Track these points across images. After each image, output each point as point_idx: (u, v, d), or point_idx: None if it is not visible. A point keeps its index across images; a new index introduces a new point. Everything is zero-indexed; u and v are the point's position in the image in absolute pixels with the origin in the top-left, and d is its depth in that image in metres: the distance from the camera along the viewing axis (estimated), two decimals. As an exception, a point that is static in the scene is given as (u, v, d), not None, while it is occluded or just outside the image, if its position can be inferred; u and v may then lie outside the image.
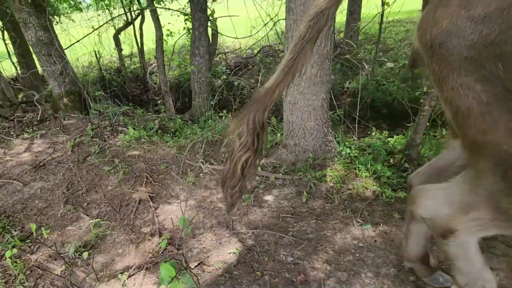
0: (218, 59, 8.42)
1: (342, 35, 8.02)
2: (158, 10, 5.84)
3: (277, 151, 3.42)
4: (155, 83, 8.28)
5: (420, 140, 3.04)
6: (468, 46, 0.91)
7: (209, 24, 6.76)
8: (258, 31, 6.28)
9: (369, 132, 4.22)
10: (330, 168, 2.88)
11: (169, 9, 5.65)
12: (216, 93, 5.60)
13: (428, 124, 3.08)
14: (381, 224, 2.12)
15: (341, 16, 8.04)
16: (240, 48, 8.15)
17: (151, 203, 2.60)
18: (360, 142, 3.63)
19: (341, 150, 3.16)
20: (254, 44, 8.31)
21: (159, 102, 7.00)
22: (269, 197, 2.67)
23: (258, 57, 7.72)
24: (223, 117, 4.56)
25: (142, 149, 3.71)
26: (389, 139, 3.85)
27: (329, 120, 3.10)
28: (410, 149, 3.09)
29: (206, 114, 4.55)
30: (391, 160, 3.10)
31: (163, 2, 5.71)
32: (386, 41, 7.94)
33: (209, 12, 5.43)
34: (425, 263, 1.66)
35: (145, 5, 6.63)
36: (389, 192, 2.44)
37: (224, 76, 5.04)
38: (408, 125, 3.91)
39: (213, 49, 7.99)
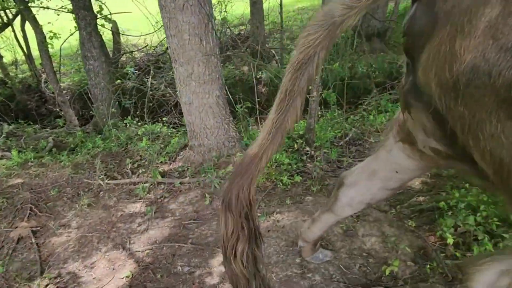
0: (125, 59, 7.78)
1: (244, 27, 8.12)
2: (35, 9, 5.05)
3: (185, 153, 3.32)
4: (52, 93, 7.28)
5: (315, 123, 3.27)
6: (506, 85, 0.71)
7: (106, 22, 6.15)
8: (161, 27, 5.93)
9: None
10: (233, 164, 2.90)
11: (47, 7, 4.92)
12: (125, 97, 5.16)
13: (319, 108, 3.33)
14: (275, 213, 2.21)
15: (242, 6, 8.12)
16: (148, 45, 7.64)
17: (33, 239, 2.27)
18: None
19: (246, 144, 3.21)
20: (163, 39, 7.88)
21: (62, 114, 6.18)
22: (173, 205, 2.58)
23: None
24: (128, 124, 4.23)
25: (28, 175, 3.22)
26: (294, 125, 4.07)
27: (229, 116, 3.10)
28: (308, 133, 3.30)
29: (108, 123, 4.16)
30: (295, 146, 3.27)
31: (38, 0, 4.93)
32: (292, 29, 8.33)
33: (96, 9, 4.91)
34: (314, 245, 1.78)
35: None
36: (285, 179, 2.57)
37: (119, 81, 4.65)
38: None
39: (117, 48, 7.35)
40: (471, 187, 2.16)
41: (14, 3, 6.47)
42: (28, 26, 6.74)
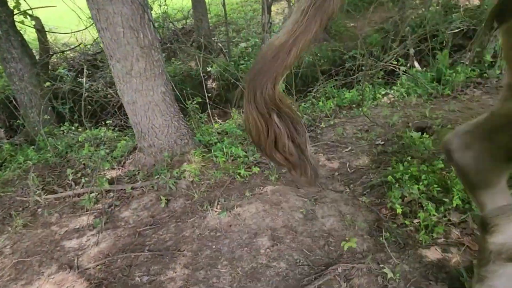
0: (56, 59, 7.01)
1: (188, 20, 7.85)
2: None
3: (134, 157, 3.10)
4: (-32, 103, 6.26)
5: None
6: None
7: (26, 19, 5.44)
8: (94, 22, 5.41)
9: (231, 114, 4.33)
10: (188, 162, 2.78)
11: None
12: (59, 101, 4.63)
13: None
14: (235, 207, 2.17)
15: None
16: (81, 43, 6.96)
17: (-46, 274, 1.93)
18: (221, 127, 3.67)
19: (199, 140, 3.10)
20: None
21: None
22: (126, 213, 2.39)
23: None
24: (65, 131, 3.82)
25: None
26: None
27: (178, 113, 2.95)
28: (262, 124, 3.29)
29: (42, 132, 3.70)
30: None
31: None
32: (237, 21, 8.25)
33: (13, 4, 4.30)
34: None
35: None
36: (243, 171, 2.53)
37: (49, 83, 4.17)
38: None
39: (44, 49, 6.57)
40: (413, 160, 2.35)
41: None
42: None
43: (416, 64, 4.85)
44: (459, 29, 4.54)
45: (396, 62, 4.21)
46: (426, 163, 2.26)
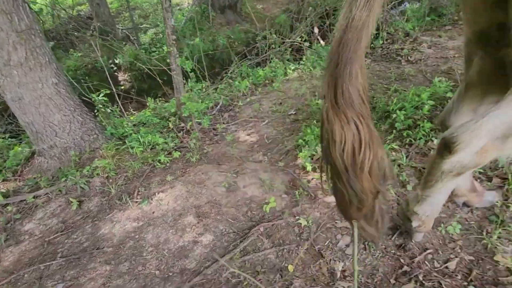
0: None
1: (85, 7, 7.02)
2: None
3: (34, 162, 2.71)
4: None
5: (184, 97, 3.20)
6: None
7: None
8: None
9: (147, 104, 4.11)
10: (100, 158, 2.56)
11: None
12: None
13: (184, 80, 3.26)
14: (157, 193, 2.11)
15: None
16: None
17: None
18: (137, 118, 3.46)
19: (111, 133, 2.87)
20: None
21: None
22: (30, 225, 2.10)
23: None
24: None
25: None
26: (166, 104, 3.90)
27: (80, 107, 2.66)
28: (179, 109, 3.21)
29: None
30: (170, 125, 3.13)
31: None
32: (143, 6, 7.69)
33: None
34: (474, 191, 1.60)
35: None
36: (163, 158, 2.46)
37: None
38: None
39: None
40: (318, 123, 2.61)
41: None
42: None
43: (321, 40, 5.30)
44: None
45: (300, 39, 4.52)
46: (329, 124, 2.53)
